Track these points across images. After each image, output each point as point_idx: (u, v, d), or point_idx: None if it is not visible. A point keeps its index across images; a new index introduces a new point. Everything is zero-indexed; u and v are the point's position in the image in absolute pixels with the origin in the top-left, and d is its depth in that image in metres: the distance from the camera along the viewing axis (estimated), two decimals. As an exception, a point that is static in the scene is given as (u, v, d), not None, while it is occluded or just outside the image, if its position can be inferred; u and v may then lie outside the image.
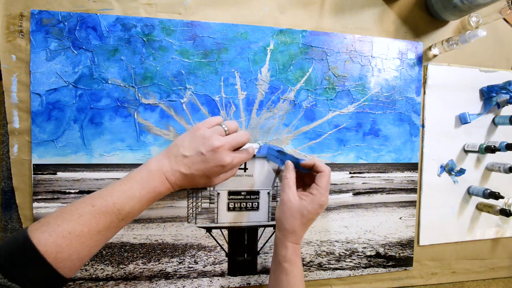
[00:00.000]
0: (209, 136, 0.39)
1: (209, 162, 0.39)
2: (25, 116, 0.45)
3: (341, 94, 0.54)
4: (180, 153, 0.39)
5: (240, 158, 0.42)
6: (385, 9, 0.57)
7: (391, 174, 0.58)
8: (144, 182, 0.37)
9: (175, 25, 0.48)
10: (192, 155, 0.39)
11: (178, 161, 0.39)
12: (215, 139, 0.39)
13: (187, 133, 0.42)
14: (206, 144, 0.39)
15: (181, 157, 0.39)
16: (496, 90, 0.58)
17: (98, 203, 0.33)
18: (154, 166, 0.38)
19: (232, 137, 0.41)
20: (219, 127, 0.42)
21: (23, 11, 0.44)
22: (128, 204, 0.35)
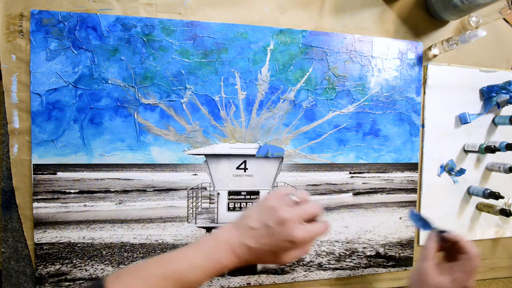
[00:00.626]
0: (276, 207, 0.36)
1: (277, 236, 0.35)
2: (25, 116, 0.45)
3: (341, 94, 0.54)
4: (248, 224, 0.36)
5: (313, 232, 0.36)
6: (385, 9, 0.57)
7: (391, 174, 0.58)
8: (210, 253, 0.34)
9: (175, 25, 0.48)
10: (259, 228, 0.35)
11: (245, 233, 0.36)
12: (282, 210, 0.35)
13: (257, 204, 0.39)
14: (274, 215, 0.35)
15: (248, 229, 0.36)
16: (496, 90, 0.58)
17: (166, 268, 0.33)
18: (223, 236, 0.36)
19: (302, 208, 0.37)
20: (287, 197, 0.38)
21: (23, 11, 0.44)
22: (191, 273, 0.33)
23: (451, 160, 0.59)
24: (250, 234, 0.35)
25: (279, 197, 0.38)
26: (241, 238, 0.35)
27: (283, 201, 0.37)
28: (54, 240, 0.46)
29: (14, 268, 0.46)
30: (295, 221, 0.35)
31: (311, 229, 0.36)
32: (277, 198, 0.38)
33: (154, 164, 0.49)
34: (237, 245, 0.35)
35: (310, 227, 0.36)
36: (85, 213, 0.47)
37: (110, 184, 0.48)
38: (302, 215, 0.36)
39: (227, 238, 0.35)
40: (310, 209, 0.37)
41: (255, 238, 0.35)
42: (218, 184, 0.51)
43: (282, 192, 0.39)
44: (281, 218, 0.35)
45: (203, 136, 0.50)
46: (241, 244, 0.35)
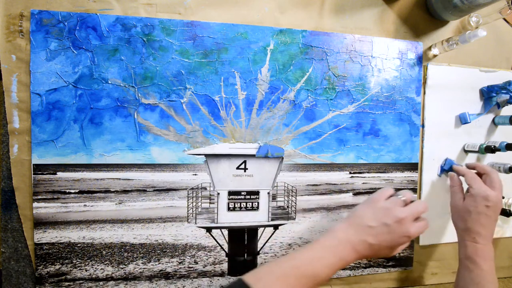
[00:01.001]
0: (392, 208, 0.41)
1: (395, 233, 0.40)
2: (25, 116, 0.45)
3: (341, 94, 0.54)
4: (365, 224, 0.41)
5: (422, 228, 0.42)
6: (385, 9, 0.57)
7: (391, 174, 0.58)
8: (336, 252, 0.38)
9: (175, 25, 0.48)
10: (378, 226, 0.40)
11: (364, 232, 0.40)
12: (398, 211, 0.41)
13: (366, 205, 0.43)
14: (390, 215, 0.40)
15: (367, 228, 0.40)
16: (496, 90, 0.58)
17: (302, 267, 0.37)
18: (342, 236, 0.40)
19: (414, 208, 0.42)
20: (397, 198, 0.43)
21: (23, 11, 0.44)
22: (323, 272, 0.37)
23: (449, 160, 0.59)
24: (370, 232, 0.40)
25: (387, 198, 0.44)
26: (361, 237, 0.40)
27: (394, 202, 0.42)
28: (54, 240, 0.46)
29: (14, 268, 0.46)
30: (409, 219, 0.41)
31: (420, 226, 0.42)
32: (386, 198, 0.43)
33: (154, 164, 0.49)
34: (358, 243, 0.39)
35: (419, 224, 0.42)
36: (85, 213, 0.47)
37: (110, 184, 0.48)
38: (414, 214, 0.41)
39: (347, 237, 0.40)
40: (419, 208, 0.42)
41: (374, 236, 0.40)
42: (218, 184, 0.51)
43: (389, 193, 0.45)
44: (398, 217, 0.40)
45: (203, 136, 0.50)
46: (362, 241, 0.40)
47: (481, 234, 0.47)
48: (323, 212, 0.55)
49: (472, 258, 0.47)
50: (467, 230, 0.48)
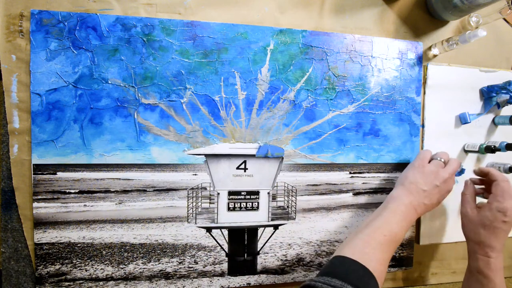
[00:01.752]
0: (437, 171, 0.48)
1: (443, 191, 0.48)
2: (25, 116, 0.45)
3: (341, 94, 0.54)
4: (420, 188, 0.47)
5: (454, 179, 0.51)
6: (385, 9, 0.57)
7: (391, 174, 0.58)
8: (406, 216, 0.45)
9: (175, 25, 0.48)
10: (430, 189, 0.47)
11: (420, 195, 0.47)
12: (443, 172, 0.48)
13: (415, 171, 0.49)
14: (438, 177, 0.48)
15: (422, 192, 0.47)
16: (496, 90, 0.58)
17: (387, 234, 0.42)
18: (407, 202, 0.46)
19: (452, 167, 0.50)
20: (438, 161, 0.50)
21: (23, 11, 0.44)
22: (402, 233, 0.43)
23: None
24: (425, 195, 0.47)
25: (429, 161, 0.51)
26: (419, 200, 0.47)
27: (436, 164, 0.49)
28: (54, 240, 0.46)
29: (14, 268, 0.46)
30: (452, 178, 0.49)
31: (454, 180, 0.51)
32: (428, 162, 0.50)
33: (154, 164, 0.49)
34: (418, 205, 0.46)
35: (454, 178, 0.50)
36: (85, 213, 0.47)
37: (110, 184, 0.48)
38: (453, 172, 0.49)
39: (409, 202, 0.46)
40: (455, 166, 0.50)
41: (429, 197, 0.47)
42: (218, 184, 0.51)
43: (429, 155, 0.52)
44: (444, 178, 0.48)
45: (203, 136, 0.50)
46: (420, 203, 0.47)
47: (495, 248, 0.47)
48: (323, 212, 0.55)
49: (485, 272, 0.47)
50: (480, 244, 0.48)
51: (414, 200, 0.46)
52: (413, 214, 0.46)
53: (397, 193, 0.48)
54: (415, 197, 0.47)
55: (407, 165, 0.59)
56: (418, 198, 0.47)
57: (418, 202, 0.46)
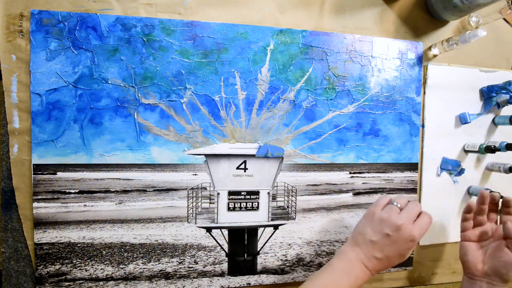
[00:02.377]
0: (387, 217, 0.41)
1: (398, 241, 0.40)
2: (25, 116, 0.45)
3: (341, 94, 0.54)
4: (368, 239, 0.41)
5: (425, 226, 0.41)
6: (385, 9, 0.57)
7: (391, 174, 0.58)
8: (349, 272, 0.39)
9: (175, 25, 0.48)
10: (379, 239, 0.40)
11: (368, 248, 0.41)
12: (394, 218, 0.41)
13: (364, 220, 0.44)
14: (388, 225, 0.40)
15: (370, 243, 0.41)
16: (496, 90, 0.58)
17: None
18: (351, 256, 0.41)
19: (409, 210, 0.42)
20: (392, 205, 0.43)
21: (23, 11, 0.44)
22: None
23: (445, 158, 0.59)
24: (375, 247, 0.40)
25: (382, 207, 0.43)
26: (368, 253, 0.40)
27: (389, 210, 0.42)
28: (54, 240, 0.46)
29: (14, 268, 0.46)
30: (408, 223, 0.40)
31: (422, 224, 0.41)
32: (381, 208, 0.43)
33: (154, 164, 0.49)
34: (367, 260, 0.40)
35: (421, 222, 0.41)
36: (85, 213, 0.47)
37: (110, 184, 0.48)
38: (411, 217, 0.41)
39: (355, 256, 0.41)
40: (414, 210, 0.42)
41: (379, 249, 0.40)
42: (218, 184, 0.51)
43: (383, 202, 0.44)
44: (396, 224, 0.40)
45: (203, 136, 0.50)
46: (370, 257, 0.40)
47: None
48: (323, 212, 0.55)
49: None
50: None
51: (361, 253, 0.41)
52: (361, 270, 0.40)
53: (344, 247, 0.43)
54: (363, 249, 0.41)
55: (407, 165, 0.59)
56: (366, 251, 0.41)
57: (367, 256, 0.40)
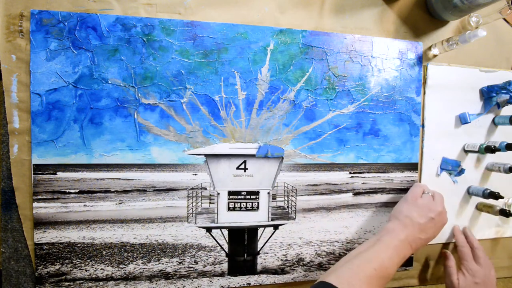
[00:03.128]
0: (430, 204, 0.50)
1: (438, 223, 0.49)
2: (25, 116, 0.45)
3: (341, 94, 0.54)
4: (416, 222, 0.47)
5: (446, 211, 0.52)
6: (385, 9, 0.57)
7: (391, 174, 0.58)
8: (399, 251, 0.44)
9: (175, 25, 0.48)
10: (426, 222, 0.47)
11: (415, 229, 0.46)
12: (436, 205, 0.50)
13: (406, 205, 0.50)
14: (432, 210, 0.48)
15: (418, 225, 0.47)
16: (496, 90, 0.58)
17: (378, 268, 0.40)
18: (401, 236, 0.45)
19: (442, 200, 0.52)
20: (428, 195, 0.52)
21: (23, 11, 0.44)
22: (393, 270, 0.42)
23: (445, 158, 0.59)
24: (421, 229, 0.47)
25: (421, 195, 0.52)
26: (415, 234, 0.46)
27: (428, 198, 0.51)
28: (54, 240, 0.46)
29: (14, 268, 0.46)
30: (444, 210, 0.51)
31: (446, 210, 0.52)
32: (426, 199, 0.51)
33: (154, 164, 0.49)
34: (413, 240, 0.46)
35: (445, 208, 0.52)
36: (85, 213, 0.47)
37: (110, 184, 0.48)
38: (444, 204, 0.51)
39: (404, 237, 0.45)
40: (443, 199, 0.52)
41: (425, 231, 0.47)
42: (218, 184, 0.51)
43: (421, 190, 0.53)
44: (438, 210, 0.49)
45: (203, 136, 0.50)
46: (416, 238, 0.46)
47: None
48: (323, 212, 0.55)
49: None
50: None
51: (409, 234, 0.46)
52: (407, 249, 0.45)
53: (392, 226, 0.47)
54: (411, 231, 0.46)
55: (407, 165, 0.59)
56: (413, 233, 0.46)
57: (414, 236, 0.46)
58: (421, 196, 0.51)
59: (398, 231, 0.46)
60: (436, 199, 0.51)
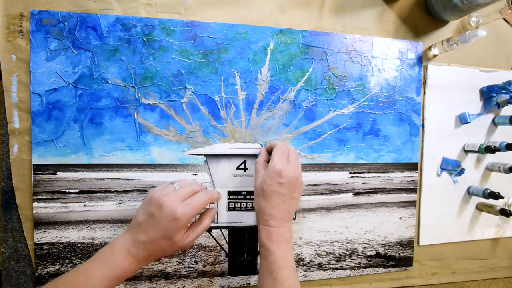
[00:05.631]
0: (156, 196, 0.37)
1: (161, 220, 0.36)
2: (25, 116, 0.45)
3: (341, 94, 0.54)
4: (136, 221, 0.37)
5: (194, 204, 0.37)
6: (385, 9, 0.57)
7: (391, 174, 0.58)
8: (107, 260, 0.35)
9: (175, 25, 0.48)
10: (145, 219, 0.37)
11: (135, 230, 0.37)
12: (160, 195, 0.37)
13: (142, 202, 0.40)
14: (152, 202, 0.37)
15: (137, 225, 0.37)
16: (496, 90, 0.58)
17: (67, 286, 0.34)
18: (117, 242, 0.37)
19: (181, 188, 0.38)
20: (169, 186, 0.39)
21: (23, 11, 0.44)
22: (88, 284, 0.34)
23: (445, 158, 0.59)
24: (140, 229, 0.36)
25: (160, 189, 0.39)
26: (133, 236, 0.36)
27: (164, 190, 0.38)
28: (54, 240, 0.46)
29: (14, 268, 0.46)
30: (173, 201, 0.36)
31: (191, 202, 0.37)
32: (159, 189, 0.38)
33: (154, 164, 0.49)
34: (131, 245, 0.36)
35: (190, 200, 0.37)
36: (85, 213, 0.47)
37: (110, 184, 0.48)
38: (181, 195, 0.37)
39: (122, 242, 0.36)
40: (187, 188, 0.38)
41: (144, 231, 0.36)
42: (218, 184, 0.51)
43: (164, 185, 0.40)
44: (159, 202, 0.36)
45: (203, 136, 0.50)
46: (135, 242, 0.36)
47: (275, 217, 0.41)
48: (323, 212, 0.55)
49: (266, 244, 0.41)
50: (261, 212, 0.42)
51: (129, 239, 0.37)
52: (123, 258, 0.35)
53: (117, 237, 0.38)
54: (131, 234, 0.37)
55: (407, 165, 0.59)
56: (133, 236, 0.37)
57: (133, 240, 0.36)
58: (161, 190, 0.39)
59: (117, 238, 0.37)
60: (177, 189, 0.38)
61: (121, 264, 0.35)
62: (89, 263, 0.35)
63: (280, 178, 0.41)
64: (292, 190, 0.42)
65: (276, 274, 0.39)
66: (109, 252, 0.36)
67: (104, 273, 0.34)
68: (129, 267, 0.36)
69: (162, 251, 0.37)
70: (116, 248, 0.36)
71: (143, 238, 0.36)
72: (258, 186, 0.43)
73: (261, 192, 0.42)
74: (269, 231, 0.41)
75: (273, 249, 0.40)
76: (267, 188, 0.41)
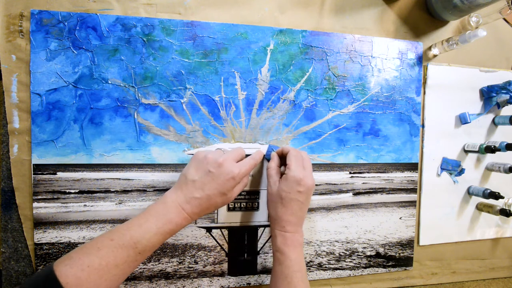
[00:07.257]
0: (210, 156, 0.41)
1: (219, 177, 0.39)
2: (25, 116, 0.45)
3: (341, 94, 0.54)
4: (189, 179, 0.40)
5: (248, 165, 0.42)
6: (385, 9, 0.57)
7: (391, 174, 0.58)
8: (160, 215, 0.37)
9: (175, 25, 0.48)
10: (201, 177, 0.40)
11: (189, 188, 0.39)
12: (217, 155, 0.41)
13: (189, 163, 0.43)
14: (210, 162, 0.40)
15: (191, 183, 0.39)
16: (496, 90, 0.58)
17: (116, 237, 0.34)
18: (169, 198, 0.39)
19: (231, 151, 0.43)
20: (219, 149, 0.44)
21: (23, 11, 0.44)
22: (145, 237, 0.35)
23: (445, 158, 0.59)
24: (195, 186, 0.39)
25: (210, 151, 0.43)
26: (187, 194, 0.39)
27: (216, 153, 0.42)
28: (54, 240, 0.46)
29: (14, 268, 0.46)
30: (230, 161, 0.41)
31: (244, 164, 0.42)
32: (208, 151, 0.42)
33: (154, 164, 0.49)
34: (185, 201, 0.39)
35: (242, 162, 0.42)
36: (85, 213, 0.47)
37: (110, 184, 0.48)
38: (233, 157, 0.42)
39: (174, 198, 0.39)
40: (237, 152, 0.43)
41: (200, 188, 0.39)
42: (218, 184, 0.51)
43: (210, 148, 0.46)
44: (218, 161, 0.40)
45: (203, 136, 0.50)
46: (189, 198, 0.39)
47: (291, 222, 0.43)
48: (323, 212, 0.55)
49: (281, 249, 0.42)
50: (278, 219, 0.43)
51: (181, 195, 0.39)
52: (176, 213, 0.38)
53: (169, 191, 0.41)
54: (183, 191, 0.39)
55: (407, 165, 0.59)
56: (186, 192, 0.39)
57: (187, 197, 0.39)
58: None
59: (167, 195, 0.39)
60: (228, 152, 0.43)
61: (174, 219, 0.37)
62: (143, 217, 0.37)
63: (300, 186, 0.42)
64: (309, 197, 0.44)
65: (291, 277, 0.40)
66: (162, 207, 0.38)
67: (159, 227, 0.36)
68: (181, 222, 0.38)
69: (214, 206, 0.40)
70: (170, 204, 0.38)
71: (198, 195, 0.39)
72: (274, 193, 0.44)
73: (278, 199, 0.43)
74: (285, 236, 0.43)
75: (289, 254, 0.42)
76: (286, 196, 0.42)
